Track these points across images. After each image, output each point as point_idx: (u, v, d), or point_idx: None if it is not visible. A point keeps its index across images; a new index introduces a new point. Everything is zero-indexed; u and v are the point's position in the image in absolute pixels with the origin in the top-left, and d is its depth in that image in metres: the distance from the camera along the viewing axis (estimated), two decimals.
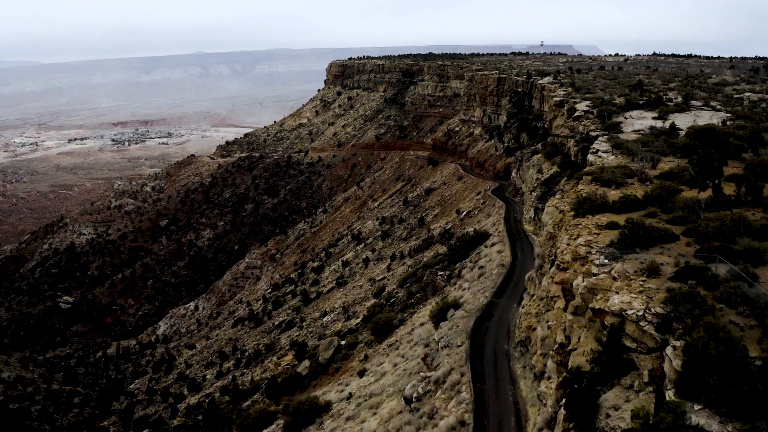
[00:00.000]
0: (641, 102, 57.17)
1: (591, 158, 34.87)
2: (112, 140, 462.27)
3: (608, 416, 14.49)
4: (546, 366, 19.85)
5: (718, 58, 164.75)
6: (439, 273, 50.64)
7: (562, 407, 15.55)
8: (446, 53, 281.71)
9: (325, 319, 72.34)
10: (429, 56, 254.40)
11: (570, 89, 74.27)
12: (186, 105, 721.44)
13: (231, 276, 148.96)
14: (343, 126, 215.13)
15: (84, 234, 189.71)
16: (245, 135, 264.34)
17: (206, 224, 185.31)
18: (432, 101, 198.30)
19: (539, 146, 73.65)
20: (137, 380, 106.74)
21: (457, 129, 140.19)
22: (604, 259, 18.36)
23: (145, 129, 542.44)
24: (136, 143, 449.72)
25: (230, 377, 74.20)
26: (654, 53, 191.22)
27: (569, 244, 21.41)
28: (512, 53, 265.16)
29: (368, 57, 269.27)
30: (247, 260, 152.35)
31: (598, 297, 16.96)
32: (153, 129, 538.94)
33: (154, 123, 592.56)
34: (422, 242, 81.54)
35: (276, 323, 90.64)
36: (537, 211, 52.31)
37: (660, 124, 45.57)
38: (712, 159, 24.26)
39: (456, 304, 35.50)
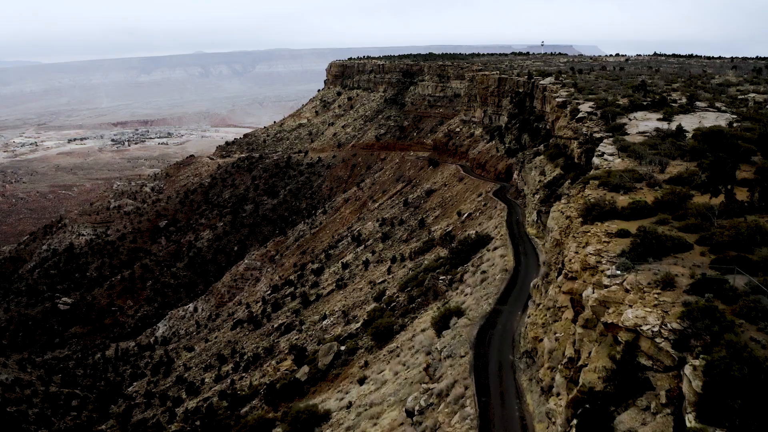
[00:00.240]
0: (645, 103, 56.41)
1: (596, 161, 34.07)
2: (112, 140, 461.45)
3: None
4: (554, 380, 19.05)
5: (719, 59, 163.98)
6: (441, 277, 49.80)
7: (574, 428, 14.75)
8: (446, 53, 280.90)
9: (325, 323, 71.57)
10: (429, 56, 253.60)
11: (572, 90, 73.54)
12: (186, 105, 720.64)
13: (230, 277, 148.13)
14: (343, 126, 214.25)
15: (83, 235, 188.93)
16: (245, 135, 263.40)
17: (205, 225, 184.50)
18: (432, 101, 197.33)
19: (541, 147, 72.85)
20: (135, 383, 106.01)
21: (458, 129, 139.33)
22: (616, 270, 17.56)
23: (145, 129, 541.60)
24: (136, 143, 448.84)
25: (229, 381, 73.45)
26: (655, 53, 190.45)
27: (578, 253, 20.61)
28: (513, 53, 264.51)
29: (368, 57, 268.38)
30: (247, 261, 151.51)
31: (611, 310, 16.16)
32: (153, 129, 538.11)
33: (154, 123, 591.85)
34: (423, 244, 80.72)
35: (275, 326, 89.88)
36: (540, 214, 51.51)
37: (665, 126, 44.76)
38: (725, 163, 23.49)
39: (458, 311, 34.71)
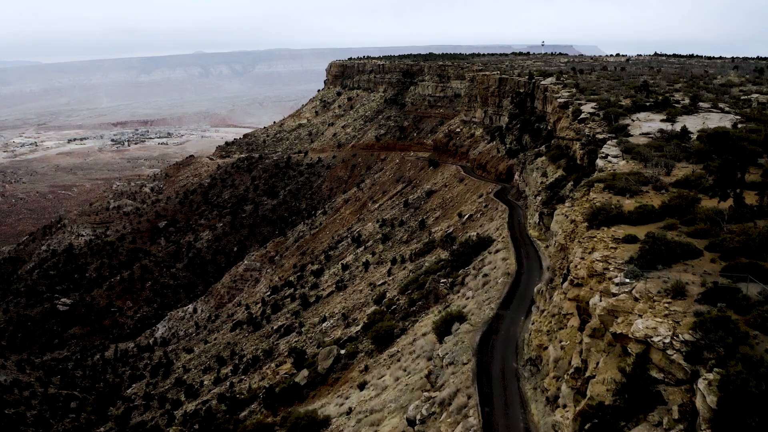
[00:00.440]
0: (648, 104, 55.93)
1: (600, 163, 33.52)
2: (112, 140, 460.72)
3: None
4: (560, 390, 18.53)
5: (720, 59, 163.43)
6: (442, 280, 49.21)
7: None
8: (446, 53, 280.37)
9: (325, 325, 71.04)
10: (429, 56, 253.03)
11: (574, 90, 73.03)
12: (186, 105, 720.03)
13: (230, 278, 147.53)
14: (343, 126, 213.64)
15: (82, 235, 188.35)
16: (244, 135, 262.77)
17: (205, 225, 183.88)
18: (432, 102, 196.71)
19: (543, 148, 72.29)
20: (134, 384, 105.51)
21: (458, 130, 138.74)
22: (624, 278, 17.02)
23: (145, 129, 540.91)
24: (136, 143, 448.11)
25: (228, 384, 72.92)
26: (655, 53, 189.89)
27: (584, 258, 20.08)
28: (513, 53, 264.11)
29: (368, 57, 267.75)
30: (246, 262, 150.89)
31: (619, 320, 15.63)
32: (153, 129, 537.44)
33: (154, 123, 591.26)
34: (423, 246, 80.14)
35: (275, 327, 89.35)
36: (542, 216, 50.98)
37: (669, 127, 44.24)
38: (734, 166, 22.96)
39: (460, 316, 34.16)
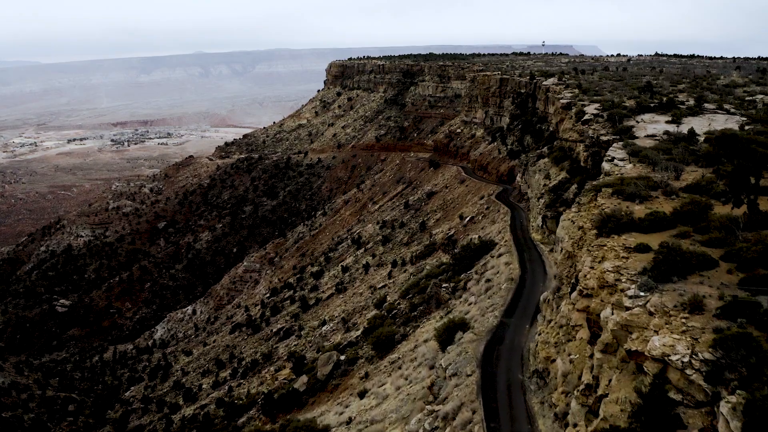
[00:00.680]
0: (653, 105, 55.13)
1: (607, 166, 32.73)
2: (112, 140, 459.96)
3: None
4: (570, 407, 17.74)
5: (721, 59, 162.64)
6: (443, 285, 48.43)
7: None
8: (447, 53, 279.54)
9: (324, 329, 70.26)
10: (429, 56, 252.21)
11: (576, 91, 72.25)
12: (186, 105, 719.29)
13: (229, 279, 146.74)
14: (343, 127, 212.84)
15: (81, 236, 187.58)
16: (244, 136, 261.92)
17: (204, 226, 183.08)
18: (433, 102, 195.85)
19: (545, 150, 71.49)
20: (133, 387, 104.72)
21: (459, 130, 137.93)
22: (638, 290, 16.21)
23: (145, 129, 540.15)
24: (136, 143, 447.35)
25: (226, 388, 72.16)
26: (656, 53, 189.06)
27: (593, 268, 19.28)
28: (513, 53, 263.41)
29: (368, 57, 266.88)
30: (246, 264, 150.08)
31: (634, 336, 14.83)
32: (153, 129, 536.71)
33: (154, 123, 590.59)
34: (424, 248, 79.35)
35: (274, 330, 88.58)
36: (545, 219, 50.17)
37: (674, 129, 43.44)
38: (748, 171, 22.15)
39: (463, 323, 33.35)
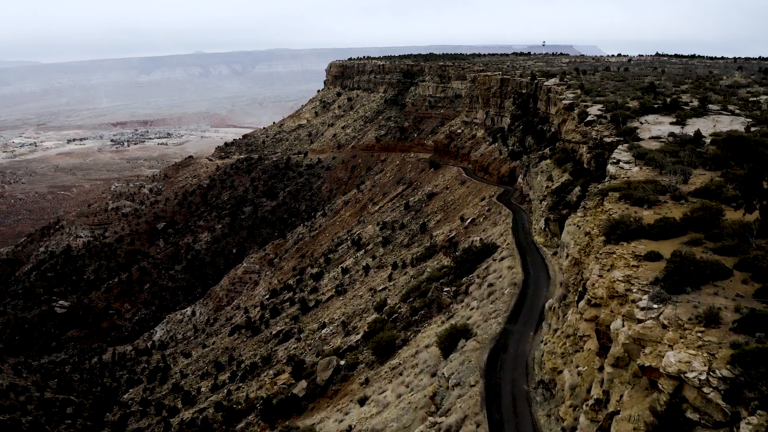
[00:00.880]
0: (656, 106, 54.45)
1: (612, 169, 32.04)
2: (112, 141, 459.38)
3: None
4: (578, 422, 17.09)
5: (722, 59, 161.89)
6: (445, 288, 47.78)
7: None
8: (447, 53, 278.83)
9: (324, 332, 69.60)
10: (429, 56, 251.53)
11: (579, 91, 71.57)
12: (186, 105, 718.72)
13: (229, 281, 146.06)
14: (343, 127, 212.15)
15: (80, 237, 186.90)
16: (244, 136, 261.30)
17: (204, 227, 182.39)
18: (433, 102, 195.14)
19: (547, 151, 70.80)
20: (132, 389, 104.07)
21: (459, 131, 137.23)
22: (650, 302, 15.53)
23: (145, 129, 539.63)
24: (136, 144, 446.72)
25: (225, 391, 71.55)
26: (657, 53, 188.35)
27: (602, 276, 18.62)
28: (514, 53, 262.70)
29: (368, 57, 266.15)
30: (245, 265, 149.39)
31: (647, 351, 14.16)
32: (152, 129, 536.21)
33: (154, 123, 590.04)
34: (425, 250, 78.66)
35: (273, 332, 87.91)
36: (548, 222, 49.49)
37: (680, 131, 42.77)
38: (761, 176, 21.49)
39: (466, 329, 32.66)
